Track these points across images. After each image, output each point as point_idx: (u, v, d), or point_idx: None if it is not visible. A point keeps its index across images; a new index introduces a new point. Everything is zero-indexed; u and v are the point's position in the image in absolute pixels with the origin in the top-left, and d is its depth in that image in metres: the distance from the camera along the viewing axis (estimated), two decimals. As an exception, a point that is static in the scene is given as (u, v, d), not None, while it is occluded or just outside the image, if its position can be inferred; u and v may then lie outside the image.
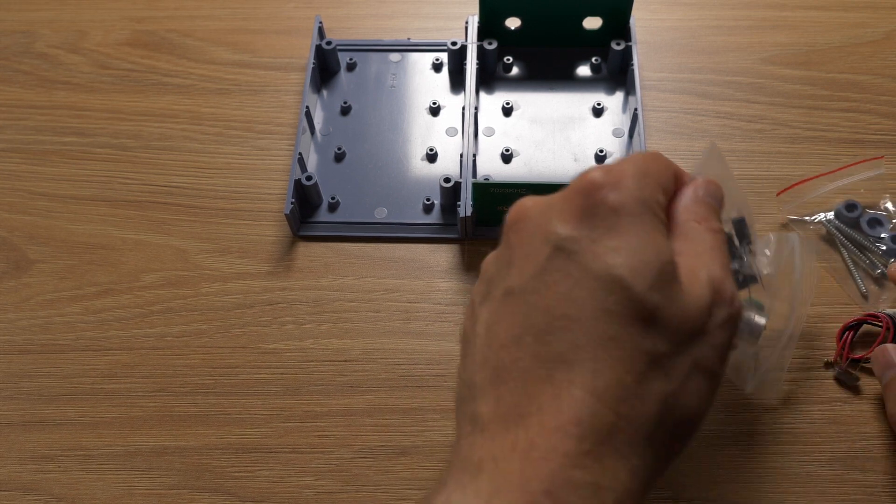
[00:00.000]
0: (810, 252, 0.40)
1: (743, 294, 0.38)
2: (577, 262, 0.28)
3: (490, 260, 0.33)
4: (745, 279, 0.38)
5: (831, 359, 0.47)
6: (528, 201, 0.32)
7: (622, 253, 0.28)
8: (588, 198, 0.29)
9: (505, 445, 0.27)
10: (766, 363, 0.40)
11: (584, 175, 0.30)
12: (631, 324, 0.28)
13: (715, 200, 0.33)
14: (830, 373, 0.46)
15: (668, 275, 0.29)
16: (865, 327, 0.47)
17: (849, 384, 0.46)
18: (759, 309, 0.39)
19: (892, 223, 0.51)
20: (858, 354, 0.46)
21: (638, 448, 0.27)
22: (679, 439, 0.29)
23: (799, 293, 0.39)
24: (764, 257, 0.40)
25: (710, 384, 0.29)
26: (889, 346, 0.44)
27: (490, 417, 0.28)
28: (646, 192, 0.30)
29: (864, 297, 0.49)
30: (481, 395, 0.29)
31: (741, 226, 0.38)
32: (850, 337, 0.46)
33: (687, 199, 0.32)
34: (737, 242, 0.38)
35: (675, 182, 0.33)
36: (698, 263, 0.30)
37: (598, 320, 0.28)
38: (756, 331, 0.38)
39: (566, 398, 0.27)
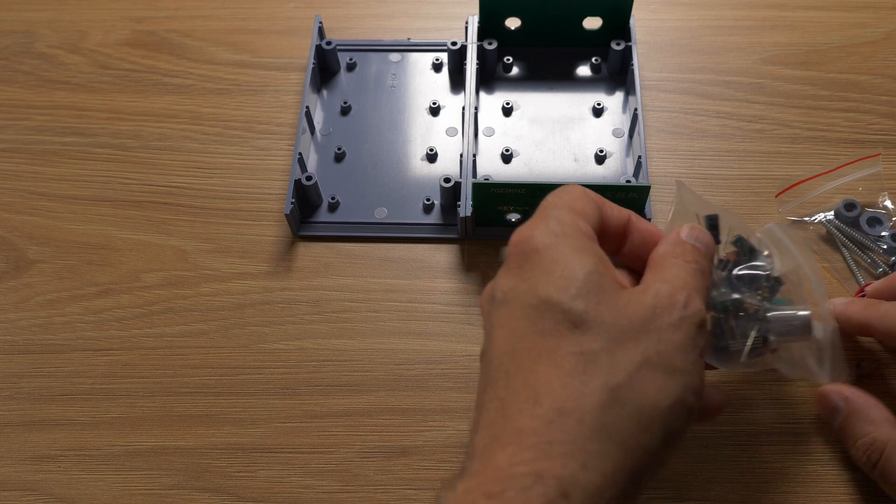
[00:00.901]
0: (790, 230, 0.40)
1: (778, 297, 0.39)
2: (517, 303, 0.33)
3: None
4: (773, 284, 0.39)
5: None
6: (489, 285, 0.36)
7: (550, 279, 0.32)
8: (517, 249, 0.34)
9: (468, 486, 0.30)
10: (826, 349, 0.39)
11: (513, 235, 0.35)
12: (563, 334, 0.31)
13: (699, 243, 0.36)
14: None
15: (592, 284, 0.32)
16: None
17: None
18: (794, 304, 0.39)
19: (891, 221, 0.51)
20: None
21: (590, 442, 0.29)
22: (647, 430, 0.31)
23: (812, 270, 0.39)
24: (769, 259, 0.40)
25: (669, 378, 0.32)
26: (827, 389, 0.43)
27: (478, 448, 0.32)
28: (566, 222, 0.34)
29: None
30: (473, 452, 0.32)
31: (742, 242, 0.39)
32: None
33: (668, 241, 0.36)
34: (746, 257, 0.39)
35: (597, 208, 0.36)
36: (655, 279, 0.34)
37: (536, 341, 0.32)
38: (805, 323, 0.38)
39: (513, 415, 0.31)
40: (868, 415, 0.42)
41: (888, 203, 0.52)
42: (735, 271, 0.39)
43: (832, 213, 0.52)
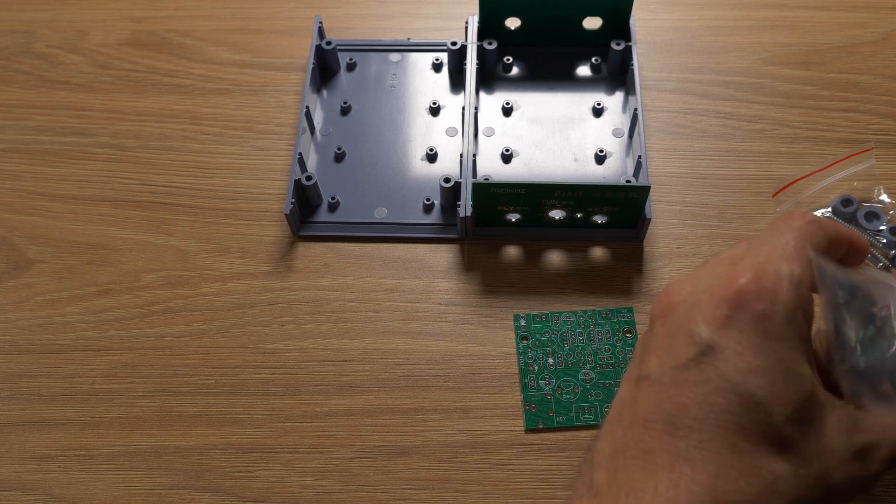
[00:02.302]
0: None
1: None
2: (719, 370, 0.29)
3: (638, 343, 0.34)
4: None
5: None
6: (677, 291, 0.32)
7: (766, 375, 0.29)
8: (738, 300, 0.30)
9: None
10: None
11: (735, 275, 0.30)
12: (762, 445, 0.29)
13: None
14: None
15: (807, 409, 0.29)
16: None
17: None
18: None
19: (888, 215, 0.51)
20: None
21: None
22: None
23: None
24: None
25: None
26: None
27: (605, 485, 0.30)
28: (800, 304, 0.30)
29: None
30: (601, 462, 0.30)
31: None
32: None
33: None
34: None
35: (839, 247, 0.33)
36: (868, 428, 0.31)
37: (730, 431, 0.29)
38: None
39: (684, 488, 0.28)
40: None
41: (884, 197, 0.52)
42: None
43: (829, 209, 0.52)
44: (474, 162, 0.53)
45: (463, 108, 0.55)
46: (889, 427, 0.32)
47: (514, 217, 0.51)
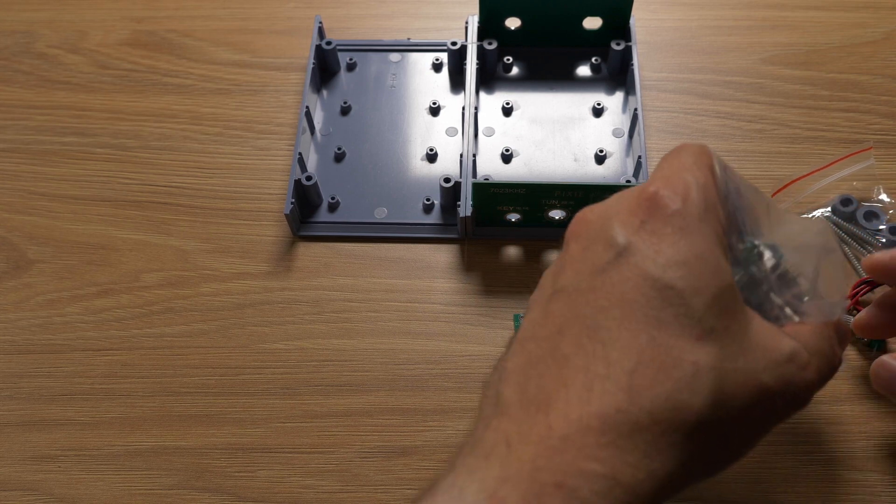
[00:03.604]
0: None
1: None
2: (636, 267, 0.29)
3: (547, 271, 0.33)
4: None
5: None
6: (590, 211, 0.32)
7: (683, 266, 0.28)
8: (650, 203, 0.30)
9: (522, 430, 0.27)
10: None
11: (645, 186, 0.30)
12: (682, 336, 0.28)
13: (846, 342, 0.34)
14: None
15: (728, 300, 0.29)
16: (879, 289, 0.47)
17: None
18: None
19: (888, 215, 0.51)
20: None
21: (663, 452, 0.27)
22: (703, 462, 0.29)
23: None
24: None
25: (747, 432, 0.30)
26: (886, 358, 0.41)
27: (513, 400, 0.28)
28: (711, 200, 0.30)
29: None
30: (509, 377, 0.29)
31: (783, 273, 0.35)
32: (863, 290, 0.47)
33: (842, 325, 0.33)
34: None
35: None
36: (795, 337, 0.31)
37: (649, 326, 0.28)
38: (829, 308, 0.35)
39: (597, 391, 0.27)
40: None
41: (884, 196, 0.52)
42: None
43: (829, 209, 0.52)
44: (474, 162, 0.53)
45: (463, 108, 0.55)
46: (809, 339, 0.31)
47: (514, 217, 0.51)
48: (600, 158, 0.54)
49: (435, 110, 0.58)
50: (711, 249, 0.29)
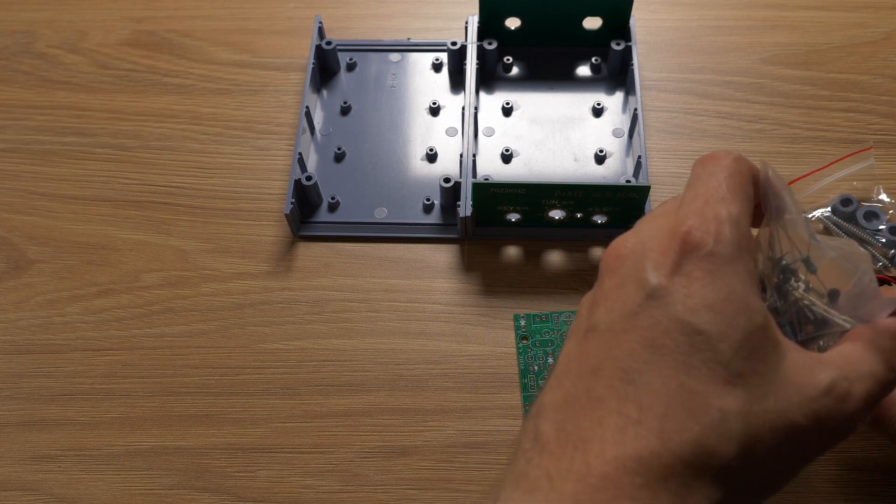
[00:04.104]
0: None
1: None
2: (667, 312, 0.29)
3: (585, 299, 0.33)
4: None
5: None
6: (623, 245, 0.32)
7: (711, 310, 0.28)
8: (683, 243, 0.29)
9: (561, 466, 0.28)
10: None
11: (679, 221, 0.30)
12: (711, 382, 0.28)
13: None
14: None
15: (758, 341, 0.29)
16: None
17: None
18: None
19: (888, 215, 0.51)
20: None
21: (694, 493, 0.27)
22: (737, 500, 0.29)
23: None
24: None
25: (778, 469, 0.30)
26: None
27: (552, 437, 0.29)
28: (743, 232, 0.30)
29: None
30: (548, 414, 0.30)
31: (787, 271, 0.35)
32: None
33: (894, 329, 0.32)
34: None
35: (756, 192, 0.33)
36: (834, 366, 0.30)
37: (678, 371, 0.28)
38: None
39: (631, 434, 0.28)
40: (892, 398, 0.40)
41: (884, 196, 0.52)
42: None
43: (829, 209, 0.52)
44: (474, 162, 0.53)
45: (463, 108, 0.55)
46: (854, 362, 0.31)
47: (514, 217, 0.51)
48: (600, 158, 0.54)
49: (435, 110, 0.58)
50: (742, 290, 0.29)
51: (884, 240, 0.50)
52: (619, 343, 0.29)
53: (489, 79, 0.59)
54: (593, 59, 0.59)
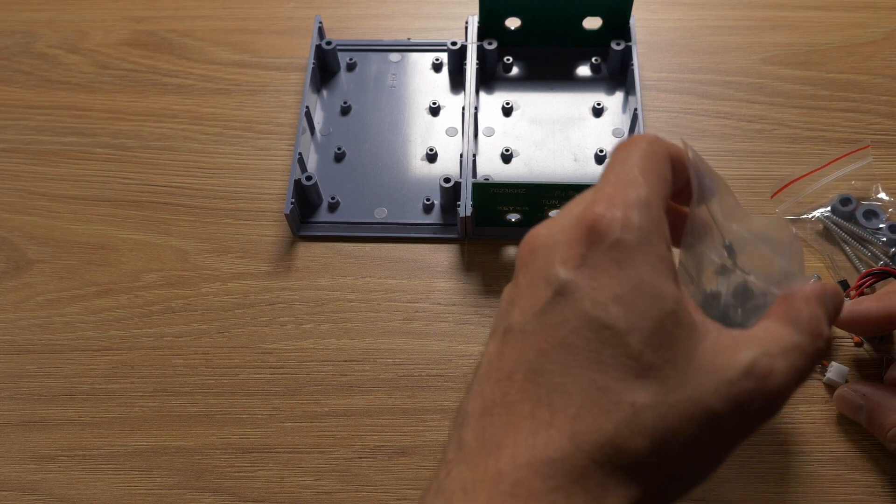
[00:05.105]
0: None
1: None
2: (575, 309, 0.28)
3: (505, 293, 0.32)
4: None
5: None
6: (536, 238, 0.31)
7: (619, 303, 0.28)
8: (591, 232, 0.29)
9: (476, 475, 0.27)
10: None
11: (588, 208, 0.29)
12: (622, 378, 0.27)
13: (835, 311, 0.31)
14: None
15: (667, 330, 0.28)
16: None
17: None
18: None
19: (887, 213, 0.51)
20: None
21: (610, 494, 0.27)
22: (661, 492, 0.28)
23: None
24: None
25: (702, 458, 0.29)
26: (845, 391, 0.44)
27: (472, 446, 0.29)
28: (652, 216, 0.29)
29: (872, 289, 0.49)
30: (469, 422, 0.29)
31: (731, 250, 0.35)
32: (869, 282, 0.48)
33: (806, 293, 0.31)
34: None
35: (673, 175, 0.32)
36: (754, 344, 0.29)
37: (589, 370, 0.27)
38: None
39: (543, 437, 0.27)
40: (891, 404, 0.42)
41: (882, 195, 0.52)
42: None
43: (829, 208, 0.52)
44: (474, 162, 0.53)
45: (463, 108, 0.55)
46: (777, 336, 0.29)
47: (514, 217, 0.51)
48: (600, 158, 0.54)
49: (435, 110, 0.58)
50: (650, 277, 0.28)
51: (884, 238, 0.50)
52: (531, 344, 0.29)
53: (489, 79, 0.59)
54: (593, 59, 0.59)
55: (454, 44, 0.58)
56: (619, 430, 0.27)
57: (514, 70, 0.59)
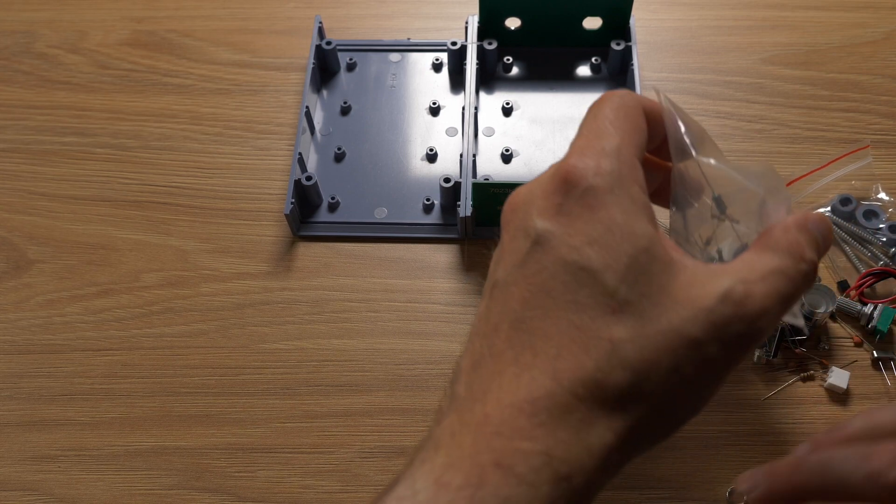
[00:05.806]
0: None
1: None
2: (552, 255, 0.29)
3: (494, 256, 0.33)
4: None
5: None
6: (516, 195, 0.32)
7: (593, 244, 0.29)
8: (564, 182, 0.30)
9: (462, 420, 0.29)
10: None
11: (562, 162, 0.31)
12: (599, 315, 0.28)
13: (821, 237, 0.31)
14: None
15: (642, 265, 0.29)
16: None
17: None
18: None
19: (887, 213, 0.51)
20: (870, 299, 0.48)
21: (596, 428, 0.28)
22: (650, 427, 0.29)
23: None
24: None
25: (688, 390, 0.29)
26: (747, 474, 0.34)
27: (462, 397, 0.30)
28: (624, 162, 0.30)
29: (872, 289, 0.49)
30: (461, 377, 0.30)
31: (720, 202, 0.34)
32: (869, 281, 0.48)
33: (791, 224, 0.31)
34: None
35: (647, 127, 0.32)
36: (731, 273, 0.29)
37: (568, 311, 0.28)
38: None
39: (526, 378, 0.28)
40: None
41: (882, 195, 0.52)
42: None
43: (829, 208, 0.52)
44: (474, 162, 0.53)
45: (463, 108, 0.55)
46: (754, 264, 0.30)
47: (514, 217, 0.51)
48: (600, 158, 0.54)
49: (435, 110, 0.58)
50: (623, 218, 0.29)
51: (884, 238, 0.50)
52: (514, 295, 0.30)
53: (489, 79, 0.59)
54: (593, 59, 0.59)
55: (454, 44, 0.58)
56: (599, 365, 0.28)
57: (514, 70, 0.59)
